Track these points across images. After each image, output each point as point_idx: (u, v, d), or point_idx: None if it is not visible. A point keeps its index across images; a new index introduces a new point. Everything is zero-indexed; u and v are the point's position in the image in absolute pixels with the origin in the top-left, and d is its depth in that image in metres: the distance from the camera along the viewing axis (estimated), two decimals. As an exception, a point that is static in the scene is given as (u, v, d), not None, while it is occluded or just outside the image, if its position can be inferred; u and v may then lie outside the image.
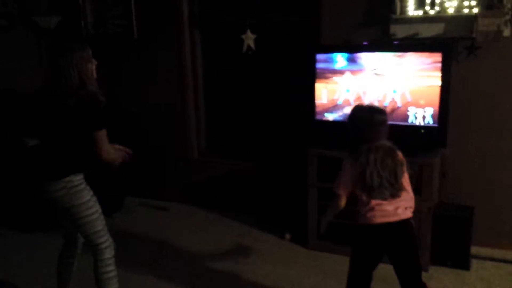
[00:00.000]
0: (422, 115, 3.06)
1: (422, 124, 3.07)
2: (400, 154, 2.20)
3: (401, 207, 2.19)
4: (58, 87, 2.27)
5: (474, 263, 3.15)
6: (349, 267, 2.35)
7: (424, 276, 2.76)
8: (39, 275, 3.15)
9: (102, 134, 2.32)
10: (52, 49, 2.36)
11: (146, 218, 4.22)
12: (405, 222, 2.20)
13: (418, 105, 3.06)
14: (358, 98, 3.23)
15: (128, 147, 4.52)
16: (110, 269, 2.48)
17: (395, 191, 2.15)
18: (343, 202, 2.32)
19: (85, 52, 2.35)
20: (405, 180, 2.21)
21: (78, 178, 2.37)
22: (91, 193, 2.42)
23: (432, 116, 3.03)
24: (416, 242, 2.25)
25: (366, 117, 2.19)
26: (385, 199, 2.15)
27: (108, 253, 2.47)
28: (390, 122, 3.04)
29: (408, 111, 3.10)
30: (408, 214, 2.22)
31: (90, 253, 2.48)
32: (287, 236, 3.63)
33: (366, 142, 2.16)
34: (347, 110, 3.26)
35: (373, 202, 2.17)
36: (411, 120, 3.10)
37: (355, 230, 2.33)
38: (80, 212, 2.36)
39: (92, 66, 2.39)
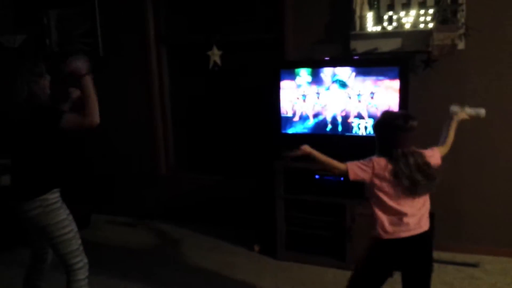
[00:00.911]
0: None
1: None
2: (428, 152, 2.25)
3: (424, 216, 2.20)
4: (9, 103, 2.28)
5: (436, 267, 3.23)
6: (355, 280, 2.28)
7: (388, 280, 2.84)
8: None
9: (70, 116, 2.29)
10: (4, 66, 2.38)
11: (114, 235, 4.18)
12: (427, 234, 2.20)
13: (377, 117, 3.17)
14: (321, 111, 3.32)
15: (96, 163, 4.52)
16: None
17: (432, 184, 2.16)
18: (340, 171, 2.24)
19: (37, 68, 2.35)
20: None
21: (54, 197, 2.34)
22: (67, 211, 2.39)
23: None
24: (432, 256, 2.25)
25: (402, 123, 2.15)
26: (420, 195, 2.15)
27: (82, 274, 2.43)
28: (352, 134, 3.22)
29: (368, 123, 3.21)
30: (428, 224, 2.23)
31: (62, 273, 2.44)
32: (256, 248, 3.67)
33: (397, 147, 2.13)
34: (311, 122, 3.37)
35: (404, 212, 2.14)
36: (369, 131, 3.21)
37: (372, 242, 2.24)
38: (55, 231, 2.32)
39: (45, 81, 2.38)
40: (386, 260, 2.22)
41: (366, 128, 3.22)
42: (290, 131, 3.45)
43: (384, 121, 2.23)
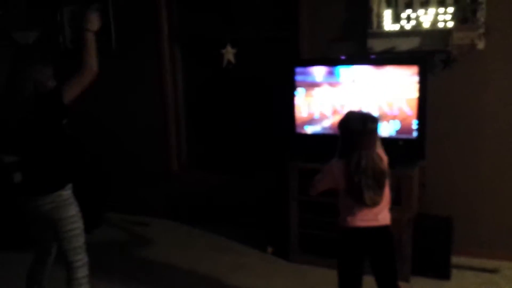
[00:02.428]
0: (400, 127, 3.10)
1: (400, 136, 3.11)
2: (384, 156, 2.24)
3: (381, 213, 2.25)
4: (15, 100, 2.27)
5: (454, 272, 3.18)
6: (338, 276, 2.36)
7: (406, 286, 2.80)
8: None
9: (67, 88, 2.29)
10: (13, 64, 2.37)
11: (126, 233, 4.17)
12: (385, 228, 2.27)
13: (395, 118, 3.10)
14: (336, 111, 3.26)
15: (108, 161, 4.51)
16: None
17: (378, 199, 2.18)
18: (315, 191, 2.40)
19: (45, 69, 2.36)
20: (387, 189, 2.25)
21: (67, 193, 2.38)
22: (78, 208, 2.43)
23: (410, 128, 3.08)
24: (394, 248, 2.31)
25: (359, 124, 2.17)
26: (368, 205, 2.18)
27: (82, 272, 2.45)
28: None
29: (386, 123, 3.14)
30: (388, 221, 2.29)
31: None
32: (269, 249, 3.62)
33: (357, 149, 2.16)
34: (326, 123, 3.31)
35: (356, 206, 2.21)
36: (389, 132, 3.14)
37: (337, 235, 2.37)
38: (65, 225, 2.36)
39: (51, 85, 2.37)
40: (349, 248, 2.30)
41: (382, 128, 3.15)
42: (305, 131, 3.39)
43: (344, 123, 2.26)
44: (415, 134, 3.07)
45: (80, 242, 2.43)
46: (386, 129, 3.13)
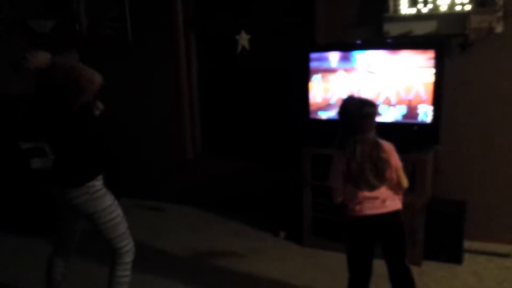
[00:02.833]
0: (416, 111, 3.09)
1: (415, 121, 3.10)
2: (386, 146, 2.22)
3: (389, 198, 2.24)
4: (57, 91, 2.23)
5: (467, 257, 3.17)
6: (347, 262, 2.37)
7: (417, 270, 2.81)
8: (32, 279, 3.13)
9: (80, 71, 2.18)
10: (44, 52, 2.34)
11: (142, 218, 4.22)
12: (394, 215, 2.26)
13: (411, 102, 3.09)
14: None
15: (124, 148, 4.57)
16: (126, 273, 2.45)
17: (378, 182, 2.18)
18: (339, 195, 2.32)
19: (74, 55, 2.37)
20: (392, 172, 2.22)
21: (99, 183, 2.33)
22: (113, 197, 2.39)
23: (426, 113, 3.06)
24: (403, 232, 2.31)
25: (355, 108, 2.18)
26: (370, 189, 2.19)
27: (128, 257, 2.44)
28: (384, 121, 3.14)
29: (401, 108, 3.13)
30: (397, 205, 2.27)
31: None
32: (282, 234, 3.65)
33: (353, 134, 2.17)
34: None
35: (361, 194, 2.21)
36: (404, 117, 3.12)
37: (345, 224, 2.37)
38: (103, 217, 2.32)
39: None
40: (358, 236, 2.31)
41: (399, 113, 3.14)
42: (319, 117, 3.39)
43: (342, 108, 2.26)
44: (424, 118, 3.05)
45: (123, 228, 2.41)
46: (398, 114, 3.13)
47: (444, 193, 3.33)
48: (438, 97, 3.03)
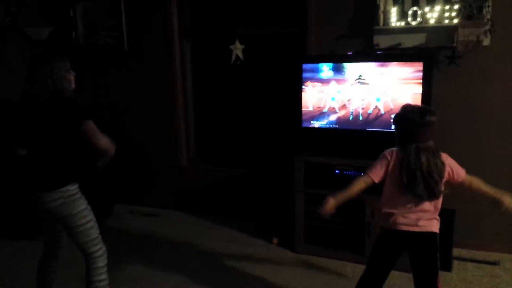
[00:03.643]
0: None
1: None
2: (443, 156, 2.22)
3: (423, 218, 2.21)
4: (35, 97, 2.31)
5: (456, 264, 3.24)
6: (366, 268, 2.37)
7: (406, 277, 2.86)
8: (26, 282, 3.16)
9: (92, 125, 2.35)
10: (31, 60, 2.38)
11: (136, 224, 4.26)
12: (427, 235, 2.22)
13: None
14: (343, 106, 3.33)
15: (118, 154, 4.59)
16: (103, 277, 2.48)
17: (435, 193, 2.15)
18: (361, 186, 2.26)
19: (63, 64, 2.38)
20: (444, 185, 2.22)
21: (74, 188, 2.39)
22: (86, 202, 2.44)
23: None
24: (435, 257, 2.25)
25: (418, 116, 2.14)
26: (422, 200, 2.16)
27: (101, 261, 2.48)
28: (374, 129, 3.22)
29: (391, 118, 3.20)
30: (433, 227, 2.24)
31: (82, 262, 2.49)
32: (275, 240, 3.70)
33: (414, 142, 2.14)
34: (332, 117, 3.38)
35: (404, 206, 2.19)
36: (391, 127, 3.19)
37: (378, 232, 2.38)
38: (75, 221, 2.37)
39: (70, 77, 2.41)
40: (386, 248, 2.30)
41: (388, 123, 3.22)
42: (311, 125, 3.46)
43: (402, 115, 2.24)
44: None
45: (95, 233, 2.45)
46: (391, 124, 3.20)
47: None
48: (427, 108, 3.10)
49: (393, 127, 2.35)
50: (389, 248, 2.29)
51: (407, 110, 2.23)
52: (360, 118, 3.30)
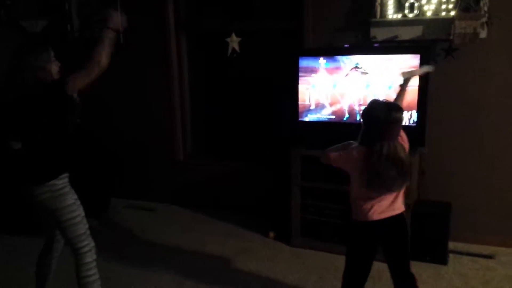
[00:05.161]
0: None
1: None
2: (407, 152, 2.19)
3: (397, 202, 2.21)
4: (15, 88, 2.28)
5: (452, 258, 3.24)
6: (346, 263, 2.36)
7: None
8: (21, 277, 3.16)
9: (72, 79, 2.28)
10: (15, 51, 2.33)
11: (133, 219, 4.25)
12: (400, 217, 2.23)
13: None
14: (339, 99, 3.32)
15: (115, 149, 4.58)
16: (91, 273, 2.47)
17: (405, 181, 2.13)
18: (326, 160, 2.31)
19: (45, 54, 2.34)
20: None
21: (62, 182, 2.38)
22: (75, 196, 2.44)
23: (411, 116, 3.12)
24: (408, 235, 2.29)
25: (383, 114, 2.09)
26: (388, 192, 2.15)
27: (89, 257, 2.46)
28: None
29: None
30: (402, 208, 2.25)
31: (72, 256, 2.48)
32: (271, 234, 3.70)
33: (380, 139, 2.09)
34: (329, 111, 3.36)
35: (376, 197, 2.17)
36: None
37: (350, 226, 2.35)
38: (63, 215, 2.37)
39: (53, 67, 2.36)
40: (364, 240, 2.29)
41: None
42: (307, 119, 3.45)
43: (368, 111, 2.18)
44: (410, 122, 3.12)
45: (83, 229, 2.44)
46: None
47: (430, 194, 3.41)
48: (423, 101, 3.09)
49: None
50: (368, 240, 2.28)
51: (374, 107, 2.17)
52: (357, 111, 3.28)
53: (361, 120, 2.22)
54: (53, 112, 2.32)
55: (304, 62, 3.39)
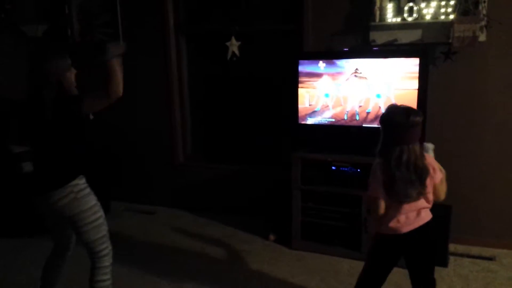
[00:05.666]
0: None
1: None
2: (428, 158, 2.17)
3: (424, 210, 2.18)
4: (39, 96, 2.27)
5: (452, 260, 3.25)
6: (364, 272, 2.32)
7: (403, 273, 2.85)
8: (24, 280, 3.17)
9: (87, 103, 2.28)
10: (32, 58, 2.35)
11: (133, 222, 4.26)
12: (427, 226, 2.19)
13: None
14: (340, 102, 3.33)
15: (115, 152, 4.59)
16: (107, 277, 2.43)
17: (421, 194, 2.11)
18: (382, 205, 2.16)
19: (64, 61, 2.36)
20: (430, 185, 2.16)
21: (83, 182, 2.33)
22: (96, 197, 2.38)
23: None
24: (435, 243, 2.25)
25: (402, 118, 2.06)
26: (409, 201, 2.11)
27: (107, 261, 2.42)
28: (371, 126, 3.22)
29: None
30: (429, 216, 2.21)
31: (86, 259, 2.45)
32: (271, 237, 3.71)
33: (398, 144, 2.07)
34: (329, 114, 3.38)
35: (399, 207, 2.13)
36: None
37: (376, 239, 2.30)
38: (86, 217, 2.31)
39: (71, 74, 2.39)
40: (390, 253, 2.24)
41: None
42: (308, 122, 3.46)
43: (387, 116, 2.17)
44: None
45: (104, 231, 2.39)
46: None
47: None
48: (423, 103, 3.10)
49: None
50: (394, 253, 2.25)
51: (391, 111, 2.16)
52: (357, 114, 3.30)
53: (380, 126, 2.18)
54: (69, 126, 2.30)
55: (304, 66, 3.40)
